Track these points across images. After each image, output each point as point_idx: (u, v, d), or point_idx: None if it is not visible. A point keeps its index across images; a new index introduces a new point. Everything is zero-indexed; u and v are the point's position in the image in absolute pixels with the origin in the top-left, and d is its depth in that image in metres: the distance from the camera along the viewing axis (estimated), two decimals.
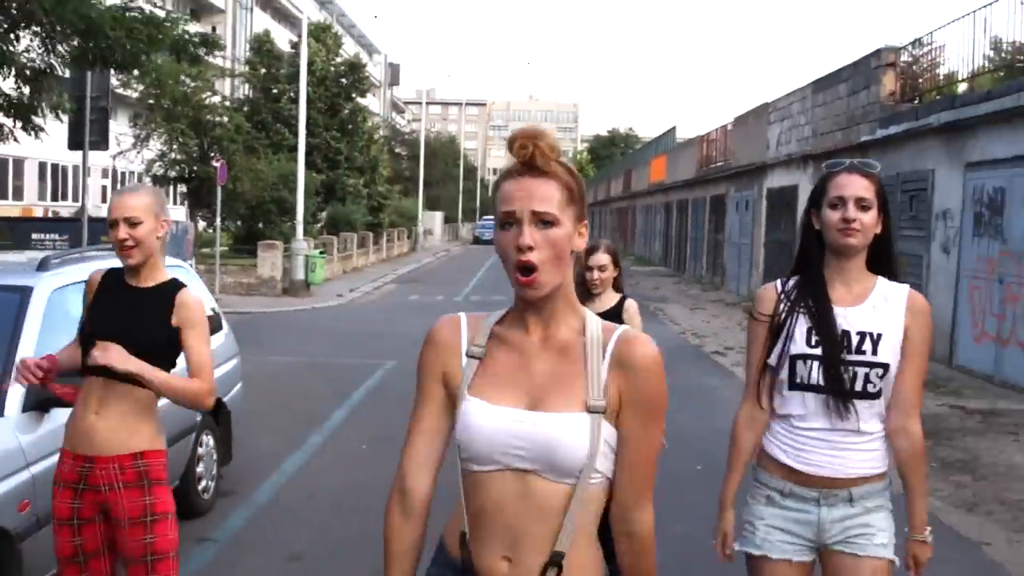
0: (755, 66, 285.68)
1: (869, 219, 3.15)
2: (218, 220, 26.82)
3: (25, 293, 5.18)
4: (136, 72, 14.98)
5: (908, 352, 3.15)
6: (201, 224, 33.31)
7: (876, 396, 3.13)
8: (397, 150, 70.94)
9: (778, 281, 3.31)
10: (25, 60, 11.48)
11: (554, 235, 2.15)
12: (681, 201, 38.72)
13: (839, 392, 3.10)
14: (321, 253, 27.55)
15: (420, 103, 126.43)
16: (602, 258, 5.49)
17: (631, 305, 5.57)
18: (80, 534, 3.77)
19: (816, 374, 3.12)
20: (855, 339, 3.13)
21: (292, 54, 44.03)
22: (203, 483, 6.81)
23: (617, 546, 2.24)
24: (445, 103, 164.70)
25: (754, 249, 26.82)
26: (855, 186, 3.17)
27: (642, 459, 2.19)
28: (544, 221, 2.15)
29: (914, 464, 3.20)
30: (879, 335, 3.13)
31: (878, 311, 3.16)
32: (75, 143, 15.50)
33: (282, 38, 50.63)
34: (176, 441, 5.78)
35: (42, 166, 46.06)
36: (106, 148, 15.50)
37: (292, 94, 43.95)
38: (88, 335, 3.76)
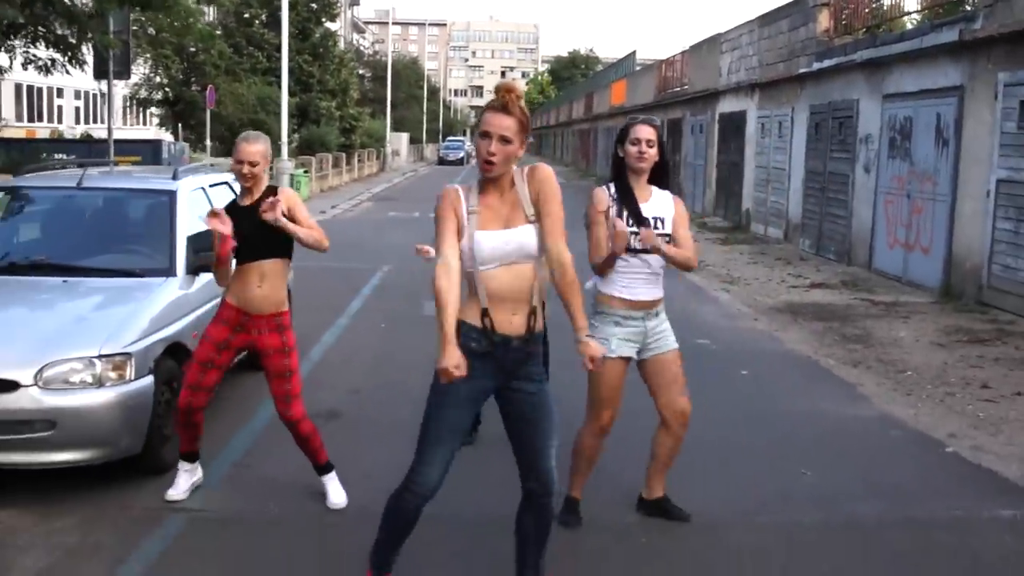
0: None
1: (654, 152, 5.27)
2: (208, 141, 28.64)
3: (172, 195, 7.32)
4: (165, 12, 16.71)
5: (677, 225, 5.33)
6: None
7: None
8: (360, 71, 72.05)
9: (605, 187, 5.36)
10: (69, 2, 13.30)
11: (508, 148, 4.06)
12: None
13: (648, 251, 5.24)
14: (304, 172, 29.43)
15: (380, 23, 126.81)
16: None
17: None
18: (220, 353, 5.82)
19: (635, 243, 5.19)
20: (653, 220, 5.29)
21: None
22: None
23: (553, 275, 4.06)
24: (406, 23, 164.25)
25: (707, 169, 29.05)
26: (645, 132, 5.27)
27: (554, 218, 4.08)
28: (503, 139, 4.09)
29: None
30: (663, 218, 5.31)
31: (659, 204, 5.33)
32: (100, 72, 17.37)
33: None
34: None
35: (18, 87, 47.20)
36: (128, 77, 17.36)
37: (263, 18, 45.46)
38: (241, 243, 5.67)
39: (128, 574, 4.86)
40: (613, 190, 5.34)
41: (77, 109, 54.94)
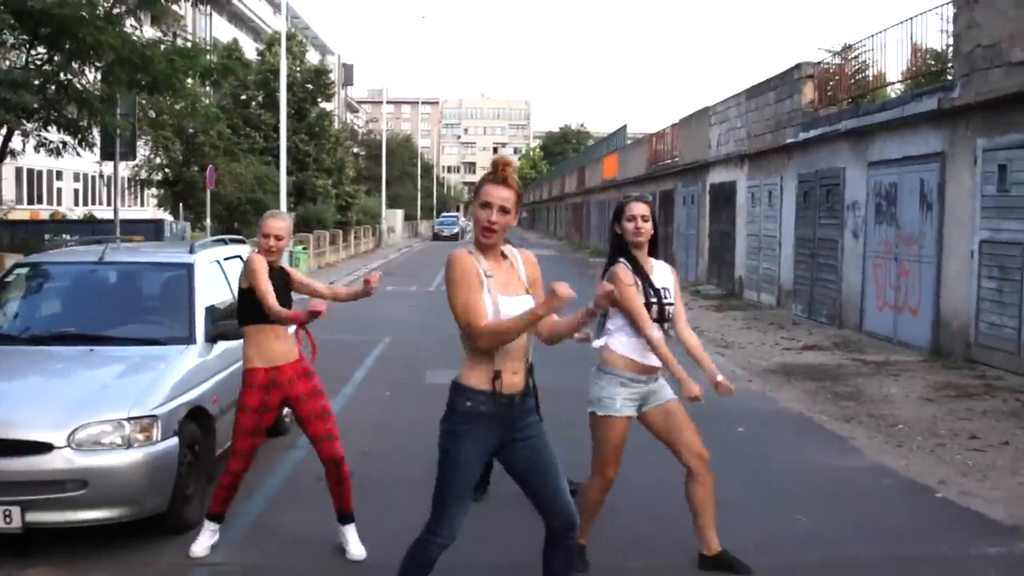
0: (702, 63, 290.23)
1: (649, 227, 5.65)
2: (208, 220, 29.10)
3: (190, 267, 7.68)
4: (171, 95, 17.26)
5: (676, 296, 5.71)
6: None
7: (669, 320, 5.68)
8: (355, 149, 73.04)
9: (622, 263, 5.69)
10: (81, 87, 13.80)
11: (506, 218, 4.44)
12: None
13: (662, 320, 5.62)
14: (303, 249, 29.89)
15: (373, 102, 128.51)
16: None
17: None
18: (263, 417, 6.19)
19: (654, 311, 5.59)
20: (662, 291, 5.66)
21: (259, 61, 46.39)
22: None
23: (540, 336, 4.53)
24: (398, 102, 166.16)
25: (700, 239, 29.54)
26: (640, 208, 5.66)
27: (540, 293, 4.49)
28: (503, 209, 4.46)
29: (697, 345, 5.79)
30: (668, 288, 5.68)
31: (662, 275, 5.70)
32: (107, 154, 17.87)
33: (247, 46, 52.59)
34: None
35: (18, 171, 47.83)
36: (134, 159, 17.84)
37: (260, 99, 46.33)
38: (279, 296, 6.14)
39: None
40: (627, 266, 5.68)
41: (76, 191, 55.50)
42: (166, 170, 34.09)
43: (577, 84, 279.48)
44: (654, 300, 5.59)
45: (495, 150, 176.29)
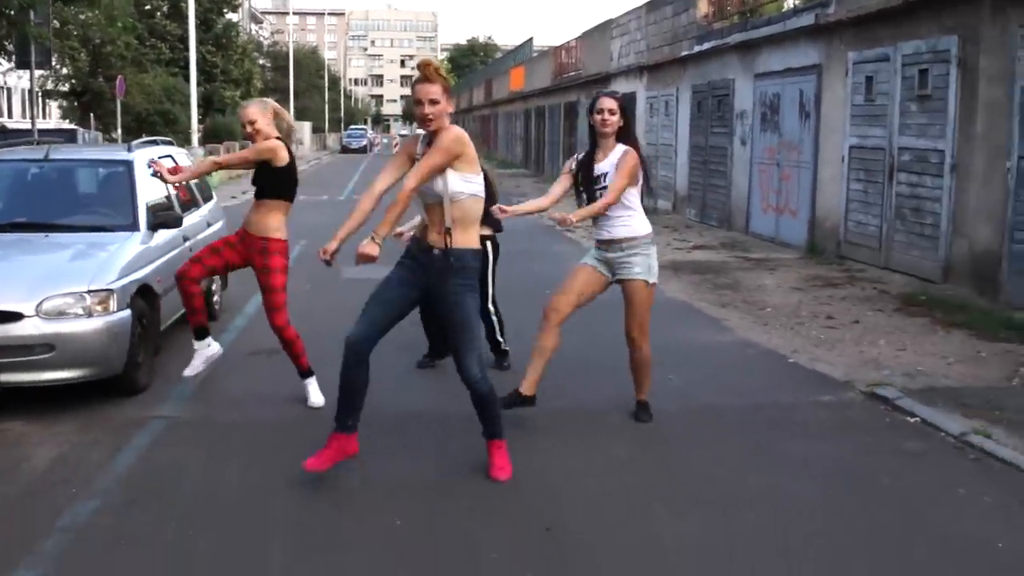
0: None
1: (616, 119, 6.57)
2: (119, 131, 29.33)
3: (130, 164, 8.49)
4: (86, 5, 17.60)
5: (617, 172, 6.61)
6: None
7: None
8: (261, 62, 72.46)
9: (576, 155, 6.77)
10: None
11: (438, 107, 5.31)
12: (539, 108, 42.26)
13: (591, 199, 6.58)
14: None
15: (277, 13, 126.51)
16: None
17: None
18: (220, 251, 7.04)
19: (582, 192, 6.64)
20: (600, 177, 6.59)
21: None
22: None
23: None
24: (304, 12, 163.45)
25: None
26: (607, 103, 6.54)
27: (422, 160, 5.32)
28: (432, 101, 5.34)
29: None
30: (607, 173, 6.55)
31: (610, 161, 6.59)
32: (22, 63, 18.21)
33: None
34: None
35: None
36: (49, 68, 18.19)
37: (165, 9, 45.96)
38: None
39: (125, 458, 6.06)
40: (581, 155, 6.70)
41: None
42: (72, 81, 34.04)
43: None
44: (582, 184, 6.61)
45: (402, 63, 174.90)
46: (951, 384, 7.78)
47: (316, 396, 7.12)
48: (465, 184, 5.34)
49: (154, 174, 7.08)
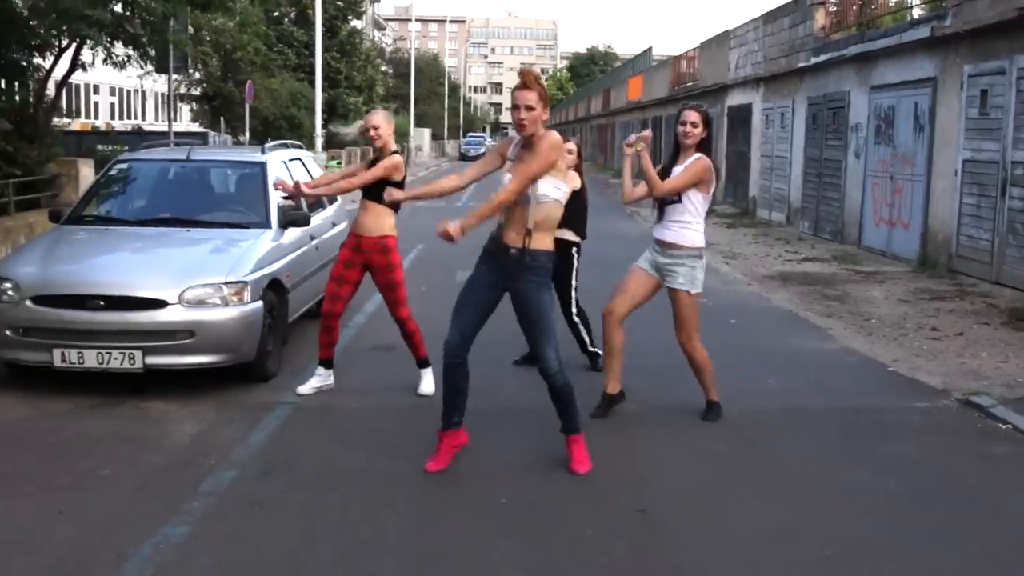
0: None
1: (699, 131, 6.92)
2: (247, 134, 30.47)
3: (263, 165, 9.12)
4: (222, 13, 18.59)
5: (682, 177, 6.90)
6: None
7: (679, 203, 6.95)
8: (383, 68, 74.00)
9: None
10: (144, 4, 15.07)
11: (534, 114, 5.66)
12: (656, 118, 42.45)
13: (662, 207, 6.93)
14: (337, 164, 31.28)
15: (400, 20, 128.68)
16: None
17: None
18: (347, 270, 7.59)
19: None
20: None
21: None
22: None
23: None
24: (425, 20, 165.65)
25: (717, 158, 30.62)
26: (691, 116, 6.93)
27: (529, 160, 5.61)
28: (528, 107, 5.72)
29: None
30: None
31: (680, 169, 6.93)
32: (161, 68, 19.21)
33: None
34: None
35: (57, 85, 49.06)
36: (187, 73, 19.16)
37: (292, 16, 47.38)
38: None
39: (258, 436, 6.63)
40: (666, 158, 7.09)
41: (112, 105, 56.89)
42: (204, 85, 35.39)
43: (605, 4, 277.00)
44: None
45: None
46: None
47: (428, 385, 7.61)
48: (553, 189, 5.68)
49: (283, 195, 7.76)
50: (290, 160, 9.90)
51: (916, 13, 19.32)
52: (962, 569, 4.79)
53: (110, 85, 52.84)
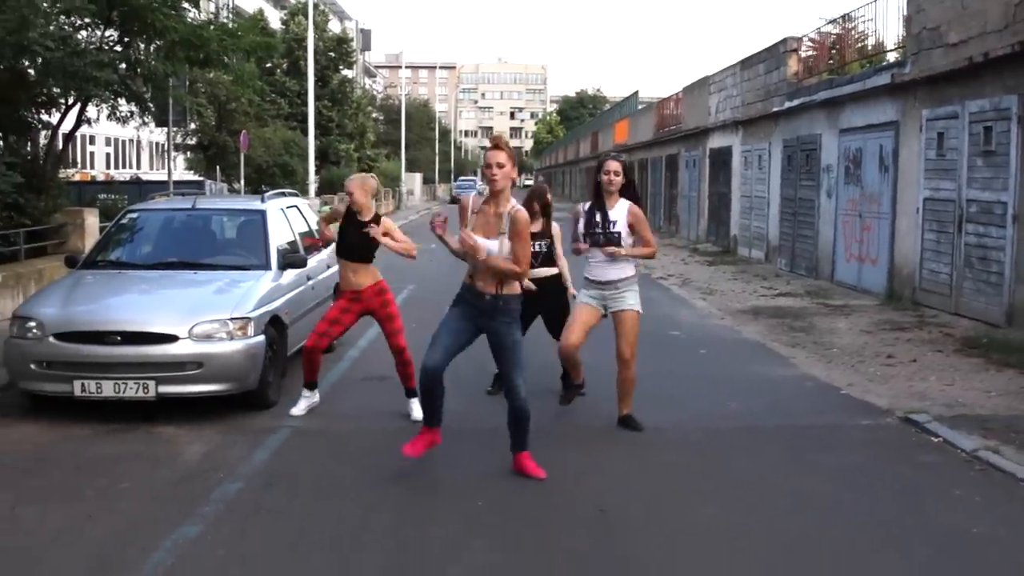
0: (716, 27, 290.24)
1: (620, 179, 7.78)
2: (242, 183, 31.29)
3: (263, 212, 9.90)
4: (220, 69, 19.41)
5: (636, 226, 7.81)
6: None
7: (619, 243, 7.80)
8: (374, 115, 75.09)
9: (583, 204, 7.98)
10: (149, 65, 15.89)
11: (504, 170, 6.56)
12: (642, 160, 43.38)
13: (608, 243, 7.75)
14: (331, 209, 31.99)
15: (390, 67, 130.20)
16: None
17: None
18: (343, 314, 8.37)
19: (601, 238, 7.77)
20: (612, 223, 7.76)
21: (283, 30, 48.47)
22: None
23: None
24: (416, 66, 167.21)
25: (700, 200, 31.63)
26: (612, 165, 7.82)
27: (518, 245, 6.56)
28: (499, 164, 6.58)
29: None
30: (617, 220, 7.75)
31: (618, 212, 7.77)
32: (161, 122, 20.05)
33: (269, 14, 54.54)
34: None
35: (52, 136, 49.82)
36: (185, 126, 20.02)
37: (285, 67, 48.45)
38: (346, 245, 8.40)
39: (261, 455, 7.35)
40: (588, 205, 7.93)
41: (108, 155, 57.83)
42: (199, 135, 36.25)
43: (593, 49, 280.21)
44: (599, 230, 7.78)
45: (512, 115, 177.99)
46: (983, 413, 8.65)
47: (418, 412, 8.32)
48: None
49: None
50: (288, 207, 10.69)
51: (892, 57, 20.26)
52: (883, 550, 5.53)
53: (106, 136, 53.81)
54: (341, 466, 7.07)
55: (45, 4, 13.46)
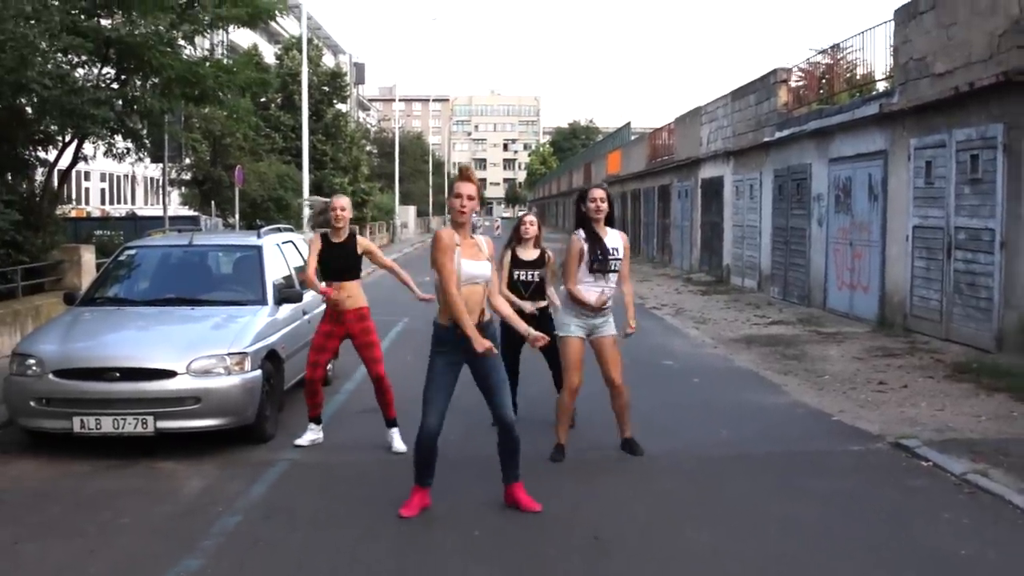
0: (709, 57, 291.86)
1: (605, 206, 7.91)
2: (236, 217, 31.41)
3: (259, 248, 10.01)
4: (217, 105, 19.56)
5: (624, 257, 7.97)
6: None
7: (616, 272, 7.95)
8: (368, 148, 75.37)
9: (577, 233, 8.03)
10: (145, 102, 16.04)
11: (472, 203, 6.65)
12: (635, 191, 43.65)
13: (607, 271, 7.90)
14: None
15: (384, 100, 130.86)
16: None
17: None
18: (327, 340, 8.51)
19: (598, 264, 7.88)
20: (612, 250, 7.91)
21: (277, 65, 48.78)
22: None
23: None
24: (409, 99, 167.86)
25: (692, 230, 31.81)
26: (598, 193, 7.95)
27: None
28: (470, 196, 6.66)
29: (629, 296, 8.07)
30: (618, 248, 7.92)
31: (614, 239, 7.92)
32: (156, 157, 20.22)
33: (264, 49, 54.88)
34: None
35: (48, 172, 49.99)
36: (181, 162, 20.16)
37: (279, 101, 48.71)
38: (329, 267, 8.53)
39: (259, 488, 7.43)
40: (583, 234, 7.98)
41: (102, 191, 58.03)
42: (194, 170, 36.42)
43: (586, 80, 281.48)
44: (600, 257, 7.84)
45: (505, 146, 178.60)
46: (973, 437, 8.77)
47: (399, 443, 8.44)
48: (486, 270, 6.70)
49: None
50: (283, 243, 10.81)
51: (880, 87, 20.49)
52: (873, 573, 5.64)
53: (101, 171, 54.02)
54: (338, 498, 7.16)
55: (43, 43, 13.60)
